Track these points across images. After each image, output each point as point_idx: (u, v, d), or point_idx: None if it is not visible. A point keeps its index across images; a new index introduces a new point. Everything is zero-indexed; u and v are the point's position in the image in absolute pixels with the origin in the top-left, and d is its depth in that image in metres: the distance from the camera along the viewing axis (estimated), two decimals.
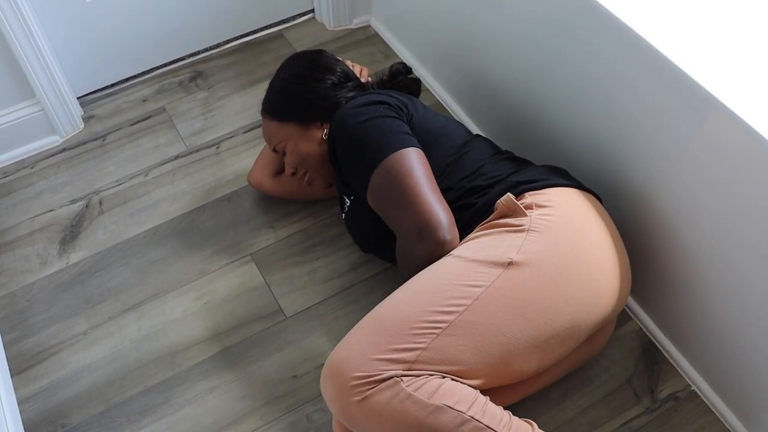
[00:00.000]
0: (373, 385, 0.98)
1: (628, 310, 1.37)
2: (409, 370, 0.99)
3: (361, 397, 0.98)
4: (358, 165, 1.23)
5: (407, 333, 1.01)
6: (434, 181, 1.19)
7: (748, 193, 1.02)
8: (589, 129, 1.30)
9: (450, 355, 1.01)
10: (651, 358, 1.31)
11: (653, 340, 1.33)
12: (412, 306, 1.04)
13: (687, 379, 1.28)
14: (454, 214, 1.17)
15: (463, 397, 0.99)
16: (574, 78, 1.27)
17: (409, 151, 1.19)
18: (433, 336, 1.01)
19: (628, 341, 1.33)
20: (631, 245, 1.25)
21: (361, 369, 0.99)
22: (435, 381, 0.99)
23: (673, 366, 1.30)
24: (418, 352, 1.00)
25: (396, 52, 1.89)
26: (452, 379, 1.01)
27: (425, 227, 1.13)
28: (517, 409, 1.21)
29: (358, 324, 1.07)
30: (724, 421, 1.23)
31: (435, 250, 1.13)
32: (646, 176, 1.20)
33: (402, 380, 0.97)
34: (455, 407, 0.97)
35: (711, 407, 1.24)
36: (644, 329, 1.34)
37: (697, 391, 1.26)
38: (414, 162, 1.18)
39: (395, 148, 1.18)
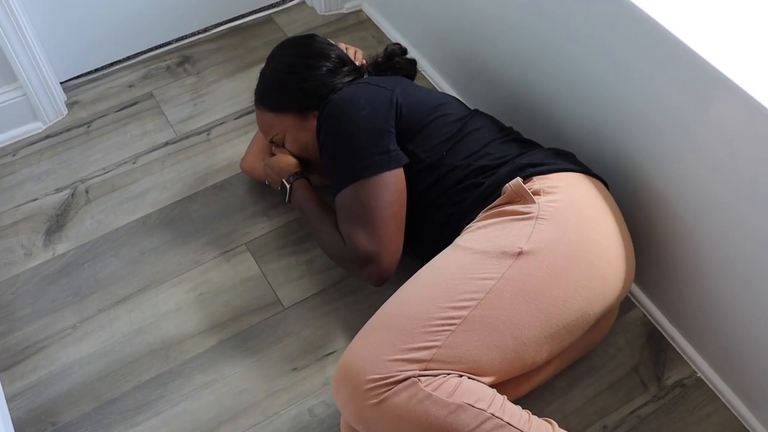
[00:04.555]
0: (389, 387, 0.90)
1: (632, 297, 1.30)
2: (425, 369, 0.91)
3: (378, 400, 0.89)
4: (335, 172, 1.16)
5: (421, 331, 0.93)
6: (404, 208, 1.14)
7: (755, 177, 0.96)
8: (591, 111, 1.22)
9: (466, 351, 0.93)
10: (656, 345, 1.25)
11: (658, 327, 1.27)
12: (424, 303, 0.96)
13: (693, 366, 1.22)
14: (460, 194, 1.12)
15: (483, 396, 0.91)
16: (576, 59, 1.19)
17: (386, 177, 1.12)
18: (448, 333, 0.93)
19: (632, 328, 1.27)
20: (634, 230, 1.19)
21: (376, 371, 0.90)
22: (453, 379, 0.91)
23: (679, 353, 1.23)
24: (434, 350, 0.92)
25: (389, 36, 1.79)
26: (469, 377, 0.93)
27: (374, 259, 1.11)
28: (525, 399, 1.14)
29: (368, 324, 0.98)
30: (731, 408, 1.17)
31: (368, 279, 1.14)
32: (650, 160, 1.14)
33: (420, 380, 0.89)
34: (476, 405, 0.89)
35: (718, 394, 1.19)
36: (648, 316, 1.28)
37: (704, 378, 1.20)
38: (387, 191, 1.12)
39: (374, 172, 1.11)
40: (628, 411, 1.17)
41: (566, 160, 1.14)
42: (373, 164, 1.12)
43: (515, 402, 1.01)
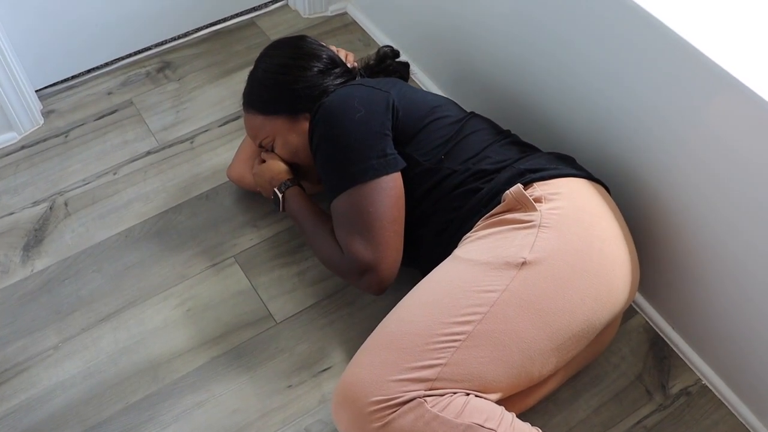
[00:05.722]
0: (394, 409, 0.85)
1: (633, 304, 1.27)
2: (431, 389, 0.86)
3: (382, 423, 0.85)
4: (330, 177, 1.11)
5: (424, 349, 0.88)
6: (403, 213, 1.09)
7: (757, 180, 0.93)
8: (590, 113, 1.19)
9: (472, 368, 0.89)
10: (660, 353, 1.21)
11: (660, 333, 1.23)
12: (426, 318, 0.92)
13: (697, 373, 1.19)
14: (458, 200, 1.08)
15: (492, 414, 0.87)
16: (573, 59, 1.15)
17: (383, 181, 1.07)
18: (453, 349, 0.89)
19: (635, 336, 1.23)
20: (635, 235, 1.15)
21: (380, 392, 0.86)
22: (460, 398, 0.87)
23: (683, 360, 1.20)
24: (439, 368, 0.87)
25: (376, 39, 1.75)
26: (476, 395, 0.89)
27: (373, 268, 1.06)
28: (528, 412, 1.10)
29: (367, 343, 0.94)
30: (738, 416, 1.14)
31: (367, 288, 1.09)
32: (651, 163, 1.10)
33: (426, 401, 0.85)
34: (485, 425, 0.85)
35: (724, 401, 1.16)
36: (650, 323, 1.25)
37: (709, 385, 1.18)
38: (385, 196, 1.07)
39: (371, 177, 1.07)
40: (634, 421, 1.14)
41: (567, 165, 1.10)
42: (370, 168, 1.07)
43: (520, 416, 0.98)
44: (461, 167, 1.10)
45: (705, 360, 1.18)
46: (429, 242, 1.13)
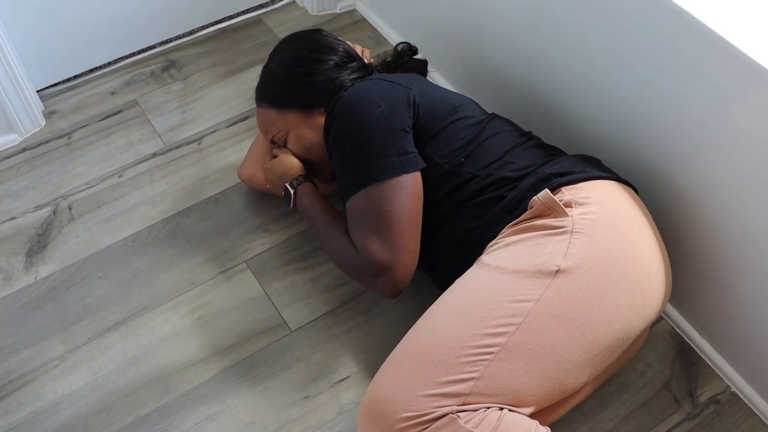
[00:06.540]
0: (425, 425, 0.81)
1: None
2: (464, 404, 0.82)
3: None
4: (347, 173, 1.06)
5: (457, 362, 0.84)
6: (420, 215, 1.04)
7: None
8: (615, 111, 1.14)
9: (506, 382, 0.84)
10: (687, 359, 1.17)
11: (687, 339, 1.19)
12: (457, 330, 0.87)
13: (726, 381, 1.15)
14: (481, 208, 1.03)
15: (527, 429, 0.84)
16: (595, 54, 1.11)
17: (403, 180, 1.03)
18: (487, 362, 0.84)
19: (661, 342, 1.19)
20: (662, 237, 1.11)
21: (410, 408, 0.81)
22: (494, 413, 0.82)
23: (711, 367, 1.16)
24: (472, 382, 0.83)
25: (387, 38, 1.70)
26: (509, 410, 0.85)
27: (389, 269, 1.01)
28: (555, 423, 1.06)
29: (395, 355, 0.89)
30: None
31: (382, 290, 1.05)
32: (681, 162, 1.06)
33: (459, 416, 0.81)
34: None
35: (754, 410, 1.12)
36: (677, 329, 1.21)
37: (738, 393, 1.14)
38: (405, 195, 1.02)
39: (391, 174, 1.02)
40: (662, 431, 1.10)
41: (594, 167, 1.06)
42: (389, 166, 1.03)
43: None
44: (482, 172, 1.05)
45: (734, 367, 1.14)
46: (448, 248, 1.08)
